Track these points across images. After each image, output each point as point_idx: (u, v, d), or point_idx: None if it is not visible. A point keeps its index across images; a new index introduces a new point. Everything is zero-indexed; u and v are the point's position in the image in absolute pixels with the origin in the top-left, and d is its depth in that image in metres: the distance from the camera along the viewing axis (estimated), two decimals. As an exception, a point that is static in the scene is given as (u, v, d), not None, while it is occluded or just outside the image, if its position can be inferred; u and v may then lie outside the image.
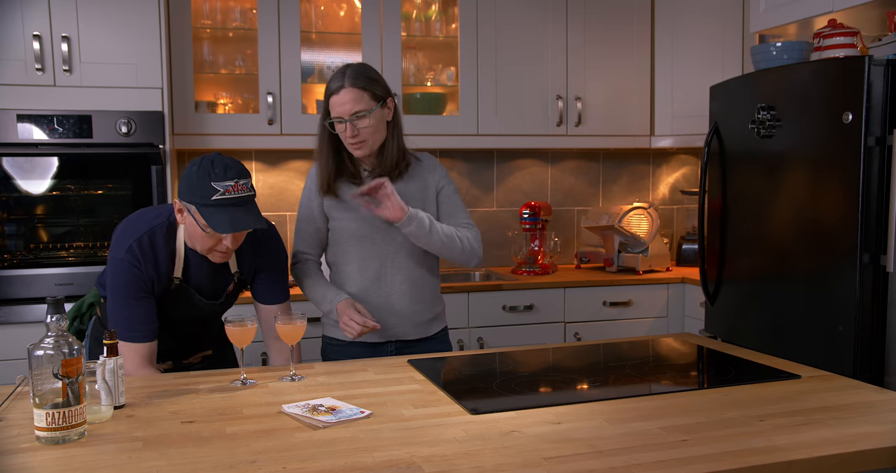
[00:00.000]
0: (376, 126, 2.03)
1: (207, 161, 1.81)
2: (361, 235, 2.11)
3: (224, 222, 1.78)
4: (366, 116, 1.99)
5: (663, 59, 3.68)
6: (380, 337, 2.14)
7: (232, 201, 1.79)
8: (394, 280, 2.12)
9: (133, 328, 1.86)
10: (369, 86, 2.01)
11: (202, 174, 1.79)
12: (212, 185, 1.78)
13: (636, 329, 3.45)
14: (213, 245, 1.85)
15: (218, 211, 1.78)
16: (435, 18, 3.55)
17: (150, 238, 1.88)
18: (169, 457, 1.29)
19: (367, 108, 1.99)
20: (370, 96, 2.00)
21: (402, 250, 2.11)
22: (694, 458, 1.26)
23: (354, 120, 1.99)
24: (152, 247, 1.88)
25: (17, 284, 2.85)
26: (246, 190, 1.82)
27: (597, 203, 4.04)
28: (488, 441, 1.35)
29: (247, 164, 3.52)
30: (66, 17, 2.86)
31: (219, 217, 1.78)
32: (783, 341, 2.58)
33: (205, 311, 2.01)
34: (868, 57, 2.26)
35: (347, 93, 1.98)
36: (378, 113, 2.02)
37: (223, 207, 1.78)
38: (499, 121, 3.51)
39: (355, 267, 2.13)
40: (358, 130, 2.00)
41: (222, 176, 1.79)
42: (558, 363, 2.01)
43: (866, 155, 2.27)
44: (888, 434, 1.37)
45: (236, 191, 1.80)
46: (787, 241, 2.58)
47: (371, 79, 2.02)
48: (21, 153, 2.84)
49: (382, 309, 2.11)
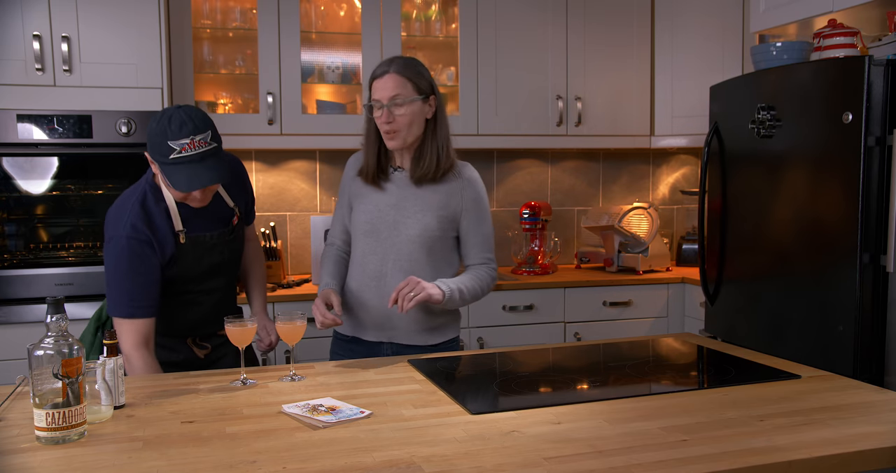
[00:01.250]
0: (412, 118, 2.01)
1: (165, 117, 1.82)
2: (366, 229, 2.09)
3: (182, 181, 1.81)
4: (403, 104, 1.99)
5: (663, 58, 3.68)
6: (375, 337, 2.12)
7: (189, 158, 1.80)
8: (393, 281, 2.06)
9: (134, 302, 1.86)
10: (414, 78, 2.01)
11: (160, 132, 1.80)
12: (168, 144, 1.79)
13: (636, 329, 3.45)
14: (184, 197, 1.89)
15: (176, 169, 1.80)
16: (435, 18, 3.55)
17: (141, 206, 1.91)
18: (169, 457, 1.29)
19: (406, 96, 1.99)
20: (413, 87, 2.01)
21: (405, 250, 2.07)
22: (694, 458, 1.26)
23: (392, 105, 1.99)
24: (147, 213, 1.90)
25: (17, 284, 2.85)
26: (204, 145, 1.82)
27: (597, 203, 4.04)
28: (488, 441, 1.35)
29: (247, 164, 3.53)
30: (66, 17, 2.86)
31: (177, 176, 1.80)
32: (783, 341, 2.58)
33: (222, 252, 2.03)
34: (868, 57, 2.26)
35: (390, 79, 2.00)
36: (417, 105, 2.01)
37: (181, 165, 1.80)
38: (499, 121, 3.51)
39: (359, 262, 2.12)
40: (394, 117, 1.99)
41: (178, 133, 1.79)
42: (558, 363, 2.01)
43: (866, 155, 2.27)
44: (888, 434, 1.37)
45: (192, 147, 1.80)
46: (787, 241, 2.58)
47: (417, 72, 2.03)
48: (21, 153, 2.84)
49: (380, 309, 2.08)
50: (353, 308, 2.13)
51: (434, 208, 2.07)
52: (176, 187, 1.81)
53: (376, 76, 2.03)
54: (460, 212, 2.11)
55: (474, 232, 2.13)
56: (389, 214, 2.07)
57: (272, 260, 3.32)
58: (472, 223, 2.12)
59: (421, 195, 2.07)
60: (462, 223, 2.12)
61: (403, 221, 2.06)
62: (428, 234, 2.06)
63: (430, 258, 2.09)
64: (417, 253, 2.07)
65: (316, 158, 3.64)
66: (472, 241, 2.13)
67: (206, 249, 2.00)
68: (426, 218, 2.06)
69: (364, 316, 2.11)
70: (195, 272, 2.00)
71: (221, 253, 2.05)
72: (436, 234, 2.07)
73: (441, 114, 2.08)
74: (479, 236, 2.14)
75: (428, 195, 2.08)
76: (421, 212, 2.06)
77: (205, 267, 2.02)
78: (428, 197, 2.08)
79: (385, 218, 2.07)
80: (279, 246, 3.40)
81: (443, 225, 2.08)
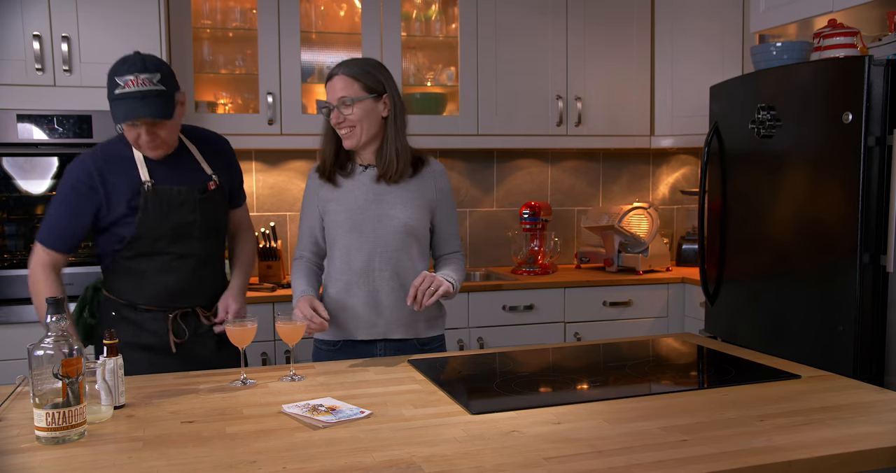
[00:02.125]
0: (363, 116, 2.03)
1: (120, 59, 1.92)
2: (349, 227, 2.08)
3: (119, 113, 1.90)
4: (350, 104, 2.01)
5: (663, 58, 3.68)
6: (368, 335, 2.11)
7: (131, 94, 1.88)
8: (381, 274, 2.08)
9: (51, 230, 2.02)
10: (361, 77, 2.03)
11: (111, 71, 1.91)
12: (115, 79, 1.89)
13: (636, 329, 3.45)
14: (135, 139, 1.96)
15: (118, 104, 1.90)
16: (435, 18, 3.55)
17: (103, 152, 2.03)
18: (169, 457, 1.29)
19: (353, 96, 2.01)
20: (361, 86, 2.02)
21: (391, 243, 2.07)
22: (694, 458, 1.26)
23: (340, 106, 2.01)
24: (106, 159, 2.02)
25: (17, 284, 2.85)
26: (148, 84, 1.89)
27: (597, 203, 4.04)
28: (488, 441, 1.35)
29: (247, 164, 3.53)
30: (66, 17, 2.86)
31: (117, 110, 1.90)
32: (783, 341, 2.58)
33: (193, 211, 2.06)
34: (868, 57, 2.26)
35: (338, 81, 2.03)
36: (368, 104, 2.03)
37: (122, 100, 1.89)
38: (499, 121, 3.51)
39: (344, 261, 2.10)
40: (343, 117, 2.02)
41: (123, 70, 1.89)
42: (558, 363, 2.01)
43: (866, 155, 2.27)
44: (888, 434, 1.37)
45: (136, 85, 1.88)
46: (787, 241, 2.58)
47: (366, 71, 2.04)
48: (21, 153, 2.84)
49: (369, 305, 2.08)
50: (340, 311, 2.11)
51: (411, 199, 2.10)
52: (114, 120, 1.91)
53: (327, 80, 2.07)
54: (435, 202, 2.15)
55: (447, 221, 2.19)
56: (370, 209, 2.07)
57: (272, 260, 3.32)
58: (446, 213, 2.18)
59: (396, 188, 2.09)
60: (437, 213, 2.16)
61: (386, 213, 2.08)
62: (412, 224, 2.09)
63: (415, 249, 2.11)
64: (403, 244, 2.09)
65: (316, 158, 3.63)
66: (447, 231, 2.19)
67: (174, 204, 2.04)
68: (408, 209, 2.09)
69: (353, 316, 2.10)
70: (163, 228, 2.04)
71: (193, 213, 2.07)
72: (419, 224, 2.11)
73: (398, 110, 2.08)
74: (451, 225, 2.20)
75: (403, 187, 2.11)
76: (401, 204, 2.09)
77: (172, 225, 2.05)
78: (403, 189, 2.10)
79: (366, 213, 2.08)
80: (279, 247, 3.40)
81: (422, 215, 2.12)
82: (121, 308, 2.09)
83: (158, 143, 1.98)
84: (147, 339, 2.07)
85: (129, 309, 2.08)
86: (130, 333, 2.05)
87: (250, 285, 3.21)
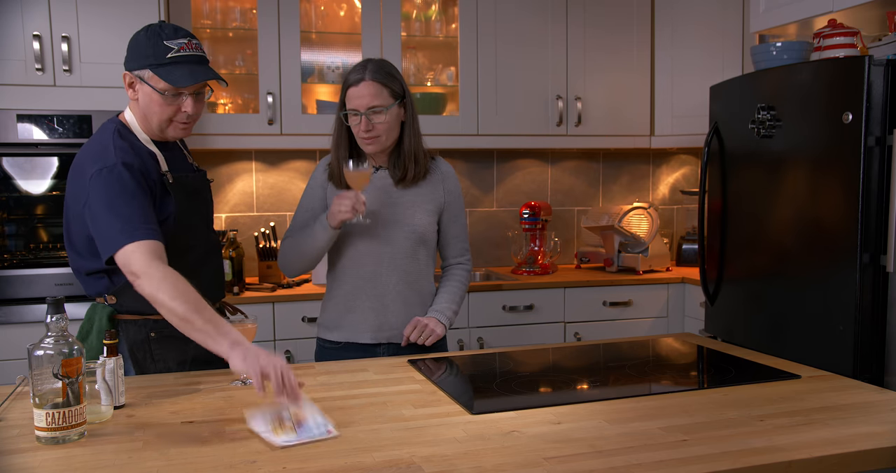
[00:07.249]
0: (391, 124, 2.00)
1: (155, 26, 1.77)
2: (358, 232, 2.08)
3: (185, 75, 1.74)
4: (382, 112, 1.97)
5: (663, 58, 3.68)
6: (372, 338, 2.11)
7: (188, 58, 1.76)
8: (388, 280, 2.08)
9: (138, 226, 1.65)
10: (389, 83, 1.99)
11: (152, 35, 1.75)
12: (165, 44, 1.74)
13: (636, 329, 3.45)
14: (172, 114, 1.78)
15: (176, 68, 1.74)
16: (435, 18, 3.55)
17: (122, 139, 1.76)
18: (169, 457, 1.29)
19: (384, 104, 1.97)
20: (389, 93, 1.99)
21: (401, 248, 2.07)
22: (694, 458, 1.26)
23: (370, 114, 1.97)
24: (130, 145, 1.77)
25: (17, 284, 2.85)
26: (200, 50, 1.79)
27: (597, 203, 4.04)
28: (488, 441, 1.35)
29: (247, 164, 3.53)
30: (66, 17, 2.86)
31: (178, 72, 1.73)
32: (783, 341, 2.58)
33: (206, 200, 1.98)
34: (868, 57, 2.26)
35: (367, 87, 1.96)
36: (395, 111, 2.00)
37: (180, 64, 1.74)
38: (499, 121, 3.51)
39: (351, 264, 2.10)
40: (373, 125, 1.98)
41: (174, 35, 1.76)
42: (558, 363, 2.01)
43: (866, 155, 2.27)
44: (888, 434, 1.37)
45: (191, 48, 1.77)
46: (787, 241, 2.58)
47: (391, 76, 2.01)
48: (21, 153, 2.84)
49: (375, 310, 2.08)
50: (346, 313, 2.11)
51: (422, 203, 2.10)
52: (177, 83, 1.72)
53: (351, 84, 1.99)
54: (443, 205, 2.14)
55: (455, 223, 2.18)
56: (381, 214, 2.06)
57: (272, 260, 3.32)
58: (454, 215, 2.17)
59: (407, 192, 2.08)
60: (444, 215, 2.15)
61: (397, 220, 2.07)
62: (422, 230, 2.08)
63: (423, 253, 2.11)
64: (412, 250, 2.09)
65: (316, 158, 3.64)
66: (454, 233, 2.18)
67: (192, 192, 1.89)
68: (419, 213, 2.08)
69: (358, 318, 2.10)
70: (190, 219, 1.86)
71: (206, 202, 1.98)
72: (428, 230, 2.10)
73: (413, 112, 2.07)
74: (459, 227, 2.19)
75: (413, 192, 2.10)
76: (412, 208, 2.08)
77: (196, 213, 1.90)
78: (414, 193, 2.09)
79: (377, 218, 2.06)
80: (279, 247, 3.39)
81: (432, 218, 2.11)
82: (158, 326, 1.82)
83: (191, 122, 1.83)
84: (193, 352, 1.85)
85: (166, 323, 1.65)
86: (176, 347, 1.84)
87: (250, 285, 3.23)
